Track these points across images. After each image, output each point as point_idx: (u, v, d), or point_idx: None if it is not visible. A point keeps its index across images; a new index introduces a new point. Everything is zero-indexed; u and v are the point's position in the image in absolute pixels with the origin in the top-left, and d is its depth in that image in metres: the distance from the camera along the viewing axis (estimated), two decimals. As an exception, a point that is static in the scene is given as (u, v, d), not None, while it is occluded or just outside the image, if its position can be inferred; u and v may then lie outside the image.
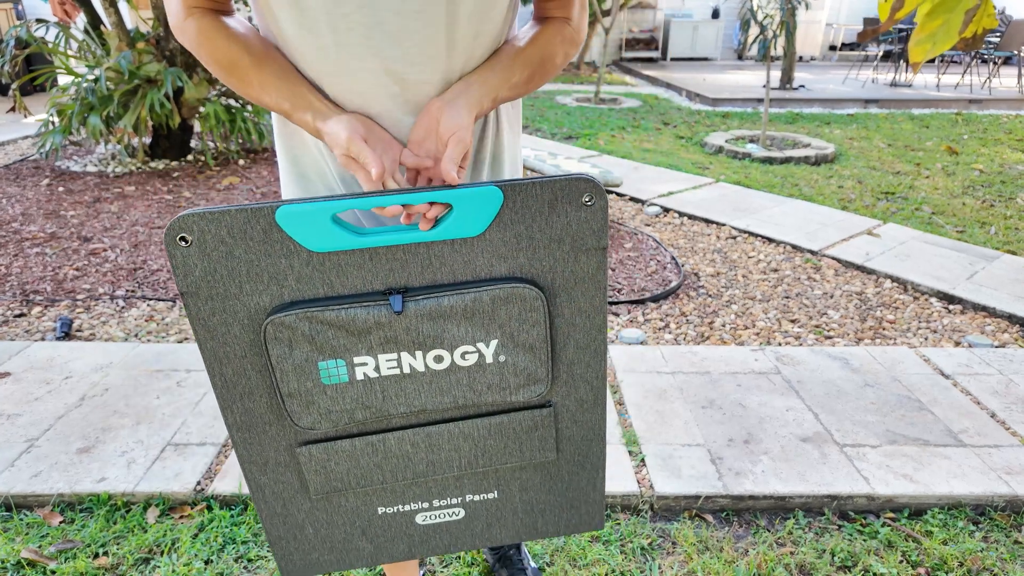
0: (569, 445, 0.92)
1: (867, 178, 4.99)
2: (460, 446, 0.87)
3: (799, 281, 3.23)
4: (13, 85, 5.05)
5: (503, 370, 0.82)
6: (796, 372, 2.37)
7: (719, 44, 12.75)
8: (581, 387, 0.88)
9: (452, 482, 0.90)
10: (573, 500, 0.96)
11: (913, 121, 7.18)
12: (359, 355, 0.78)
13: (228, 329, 0.77)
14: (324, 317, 0.75)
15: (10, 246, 3.52)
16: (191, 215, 0.71)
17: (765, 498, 1.80)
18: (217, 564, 1.61)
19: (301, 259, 0.74)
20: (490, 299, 0.77)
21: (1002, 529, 1.74)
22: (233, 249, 0.73)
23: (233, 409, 0.81)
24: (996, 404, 2.20)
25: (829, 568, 1.62)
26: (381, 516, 0.91)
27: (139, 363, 2.36)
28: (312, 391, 0.79)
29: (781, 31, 5.58)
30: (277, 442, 0.84)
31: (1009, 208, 4.31)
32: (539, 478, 0.93)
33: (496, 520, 0.95)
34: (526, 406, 0.87)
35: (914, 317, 2.88)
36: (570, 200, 0.77)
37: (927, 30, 0.65)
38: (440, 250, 0.76)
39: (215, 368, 0.79)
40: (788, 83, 8.76)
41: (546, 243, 0.78)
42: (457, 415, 0.86)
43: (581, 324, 0.84)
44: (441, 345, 0.79)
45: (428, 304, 0.76)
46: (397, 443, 0.85)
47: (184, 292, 0.74)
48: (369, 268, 0.76)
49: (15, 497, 1.75)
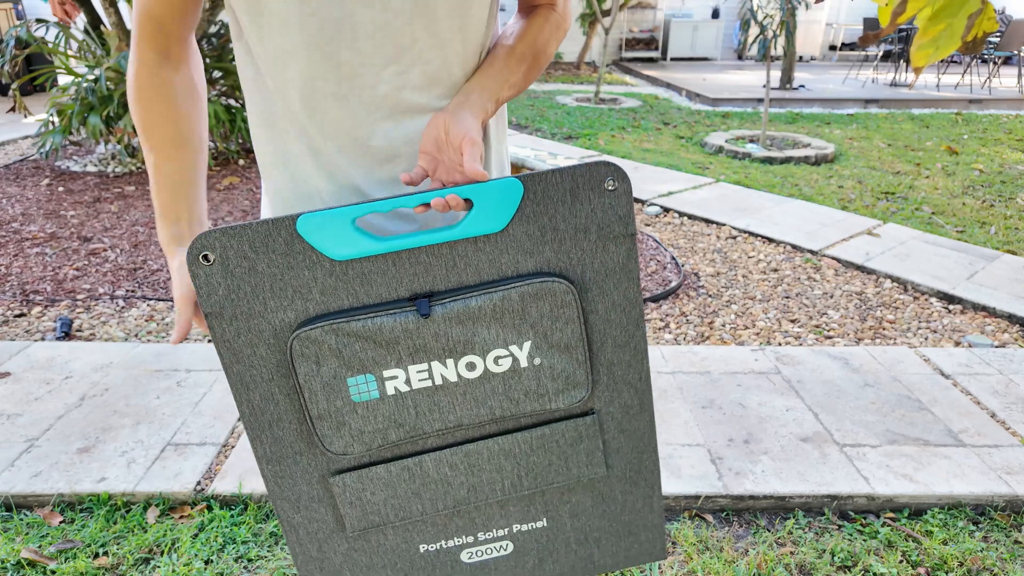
0: (619, 459, 0.86)
1: (867, 178, 4.99)
2: (502, 465, 0.81)
3: (799, 281, 3.23)
4: (13, 85, 5.05)
5: (539, 374, 0.78)
6: (796, 372, 2.37)
7: (719, 44, 12.75)
8: (624, 391, 0.83)
9: (497, 510, 0.85)
10: (630, 525, 0.90)
11: (913, 121, 7.18)
12: (388, 368, 0.75)
13: (254, 350, 0.74)
14: (351, 328, 0.73)
15: (10, 246, 3.52)
16: (212, 233, 0.70)
17: (765, 498, 1.80)
18: (217, 564, 1.61)
19: (324, 269, 0.72)
20: (519, 296, 0.74)
21: (1002, 529, 1.74)
22: (256, 264, 0.71)
23: (263, 439, 0.78)
24: (996, 404, 2.20)
25: (829, 568, 1.62)
26: (423, 555, 0.85)
27: (139, 363, 2.36)
28: (342, 410, 0.76)
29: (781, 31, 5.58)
30: (309, 474, 0.80)
31: (1009, 208, 4.31)
32: (590, 500, 0.87)
33: (548, 554, 0.88)
34: (568, 415, 0.82)
35: (914, 317, 2.89)
36: (592, 186, 0.74)
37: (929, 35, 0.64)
38: (464, 249, 0.74)
39: (242, 395, 0.76)
40: (788, 83, 8.76)
41: (571, 233, 0.75)
42: (495, 430, 0.81)
43: (617, 319, 0.80)
44: (472, 350, 0.75)
45: (455, 307, 0.74)
46: (435, 465, 0.80)
47: (208, 313, 0.72)
48: (393, 274, 0.74)
49: (15, 497, 1.75)
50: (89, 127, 4.46)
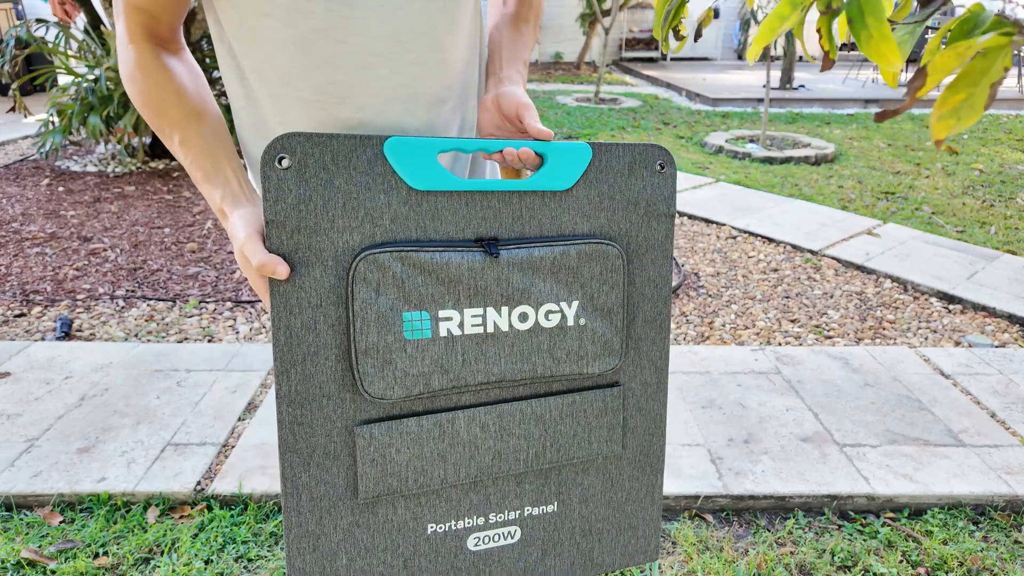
0: (632, 439, 0.88)
1: (867, 178, 4.99)
2: (531, 432, 0.81)
3: (799, 281, 3.23)
4: (13, 85, 5.05)
5: (582, 335, 0.80)
6: (796, 372, 2.37)
7: (719, 44, 12.75)
8: (647, 367, 0.86)
9: (513, 488, 0.84)
10: (631, 517, 0.91)
11: (913, 121, 7.18)
12: (445, 308, 0.74)
13: (309, 270, 0.70)
14: (417, 259, 0.72)
15: (10, 246, 3.52)
16: (295, 135, 0.68)
17: (765, 498, 1.80)
18: (217, 564, 1.61)
19: (400, 196, 0.71)
20: (576, 254, 0.77)
21: (1002, 529, 1.74)
22: (334, 178, 0.69)
23: (291, 375, 0.72)
24: (996, 404, 2.20)
25: (829, 568, 1.62)
26: (429, 538, 0.82)
27: (139, 363, 2.36)
28: (392, 347, 0.73)
29: (781, 31, 5.58)
30: (332, 422, 0.75)
31: (1009, 208, 4.31)
32: (600, 484, 0.88)
33: (552, 546, 0.88)
34: (597, 384, 0.84)
35: (914, 317, 2.89)
36: (646, 165, 0.80)
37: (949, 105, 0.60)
38: (531, 202, 0.76)
39: (282, 319, 0.71)
40: (788, 83, 8.76)
41: (624, 205, 0.80)
42: (529, 392, 0.81)
43: (649, 294, 0.83)
44: (528, 300, 0.76)
45: (520, 254, 0.75)
46: (467, 424, 0.79)
47: (270, 221, 0.69)
48: (463, 214, 0.74)
49: (15, 497, 1.75)
50: (89, 127, 4.47)
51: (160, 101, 0.79)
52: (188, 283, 3.12)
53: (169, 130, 0.79)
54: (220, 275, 3.21)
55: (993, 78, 0.59)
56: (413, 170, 0.71)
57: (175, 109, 0.79)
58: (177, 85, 0.79)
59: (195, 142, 0.79)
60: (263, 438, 1.97)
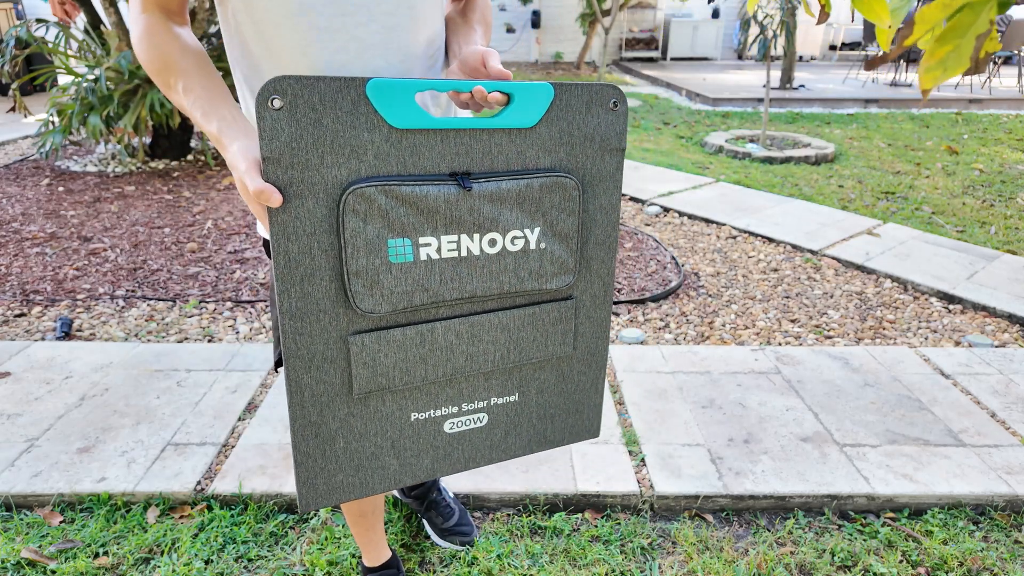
0: (582, 342, 1.01)
1: (867, 178, 4.99)
2: (497, 338, 0.93)
3: (799, 281, 3.23)
4: (13, 85, 5.05)
5: (543, 257, 0.90)
6: (796, 372, 2.37)
7: (719, 44, 12.75)
8: (596, 282, 0.98)
9: (482, 383, 0.96)
10: (578, 404, 1.05)
11: (913, 121, 7.18)
12: (424, 235, 0.83)
13: (303, 202, 0.78)
14: (399, 192, 0.80)
15: (10, 246, 3.52)
16: (285, 78, 0.73)
17: (765, 498, 1.80)
18: (217, 564, 1.61)
19: (382, 134, 0.78)
20: (539, 186, 0.86)
21: (1002, 529, 1.74)
22: (322, 117, 0.76)
23: (291, 293, 0.81)
24: (996, 404, 2.20)
25: (829, 568, 1.62)
26: (413, 424, 0.94)
27: (139, 363, 2.36)
28: (379, 269, 0.82)
29: (781, 31, 5.58)
30: (328, 333, 0.85)
31: (1009, 208, 4.31)
32: (554, 378, 1.01)
33: (514, 427, 1.02)
34: (554, 298, 0.95)
35: (914, 317, 2.88)
36: (601, 103, 0.88)
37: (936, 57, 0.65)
38: (499, 139, 0.84)
39: (281, 244, 0.79)
40: (788, 83, 8.75)
41: (581, 141, 0.89)
42: (496, 307, 0.92)
43: (601, 220, 0.94)
44: (496, 228, 0.86)
45: (489, 187, 0.84)
46: (443, 333, 0.90)
47: (266, 158, 0.75)
48: (439, 150, 0.81)
49: (15, 497, 1.75)
50: (89, 127, 4.46)
51: (166, 56, 0.88)
52: (188, 283, 3.12)
53: (174, 80, 0.89)
54: (220, 275, 3.21)
55: (979, 30, 0.62)
56: (393, 110, 0.78)
57: (180, 61, 0.89)
58: (182, 43, 0.90)
59: (196, 86, 0.88)
60: (263, 438, 1.97)
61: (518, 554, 1.66)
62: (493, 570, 1.61)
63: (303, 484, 0.92)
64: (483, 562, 1.63)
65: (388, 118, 0.78)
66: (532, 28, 13.00)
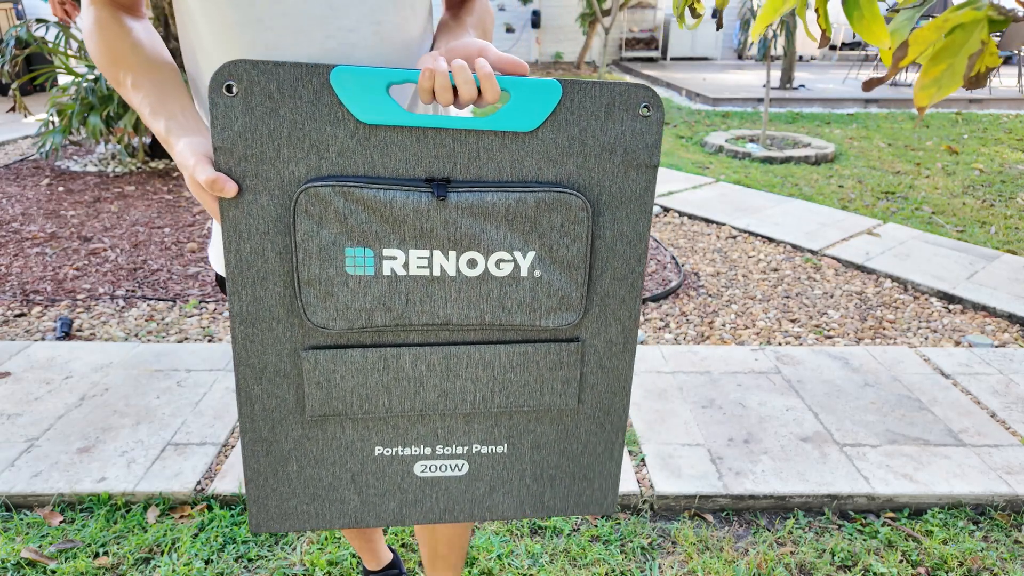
0: (591, 396, 0.85)
1: (867, 178, 4.99)
2: (478, 376, 0.80)
3: (799, 281, 3.23)
4: (13, 85, 5.05)
5: (536, 287, 0.76)
6: (796, 372, 2.37)
7: (719, 44, 12.76)
8: (612, 326, 0.82)
9: (461, 424, 0.84)
10: (587, 469, 0.89)
11: (913, 121, 7.18)
12: (390, 246, 0.73)
13: (256, 197, 0.71)
14: (361, 196, 0.71)
15: (10, 246, 3.52)
16: (243, 62, 0.67)
17: (765, 498, 1.80)
18: (217, 564, 1.61)
19: (347, 129, 0.70)
20: (535, 202, 0.73)
21: (1002, 529, 1.74)
22: (279, 107, 0.69)
23: (241, 296, 0.74)
24: (996, 404, 2.20)
25: (829, 568, 1.62)
26: (377, 459, 0.84)
27: (139, 363, 2.36)
28: (333, 280, 0.73)
29: (781, 31, 5.58)
30: (281, 343, 0.77)
31: (1009, 208, 4.31)
32: (554, 433, 0.86)
33: (501, 484, 0.88)
34: (553, 338, 0.81)
35: (914, 317, 2.89)
36: (627, 108, 0.73)
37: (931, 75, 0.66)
38: (490, 143, 0.72)
39: (232, 243, 0.72)
40: (788, 83, 8.76)
41: (598, 151, 0.74)
42: (478, 338, 0.80)
43: (621, 251, 0.78)
44: (477, 247, 0.74)
45: (471, 198, 0.72)
46: (412, 361, 0.79)
47: (218, 147, 0.69)
48: (414, 151, 0.71)
49: (15, 497, 1.75)
50: (89, 127, 4.47)
51: (115, 50, 0.82)
52: (188, 283, 3.12)
53: (123, 76, 0.82)
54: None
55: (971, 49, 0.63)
56: (361, 102, 0.69)
57: (131, 57, 0.82)
58: (134, 38, 0.83)
59: (145, 83, 0.81)
60: (263, 438, 1.97)
61: (518, 554, 1.66)
62: (493, 570, 1.61)
63: (254, 503, 0.84)
64: (483, 562, 1.63)
65: (354, 111, 0.69)
66: (532, 28, 13.00)
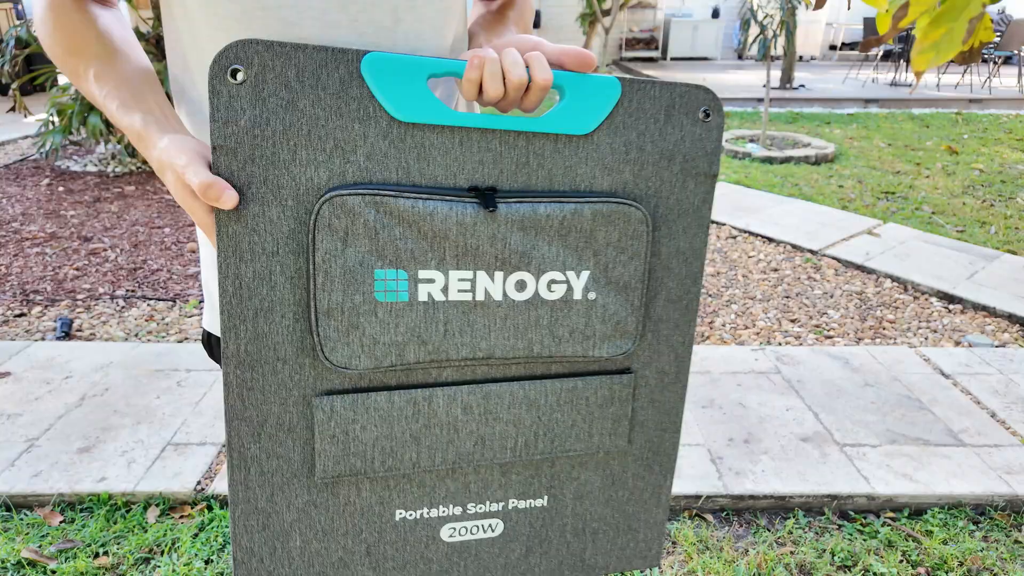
0: (640, 434, 0.75)
1: (867, 178, 4.99)
2: (521, 418, 0.70)
3: (799, 281, 3.23)
4: (13, 85, 5.05)
5: (591, 312, 0.67)
6: (796, 372, 2.37)
7: (719, 44, 12.75)
8: (665, 354, 0.73)
9: (498, 477, 0.73)
10: (632, 519, 0.79)
11: (913, 121, 7.18)
12: (427, 267, 0.62)
13: (263, 209, 0.58)
14: (396, 207, 0.59)
15: (10, 246, 3.52)
16: (253, 42, 0.55)
17: (765, 498, 1.80)
18: (217, 564, 1.61)
19: (379, 127, 0.59)
20: (591, 215, 0.64)
21: (1002, 529, 1.74)
22: (298, 98, 0.57)
23: (239, 332, 0.61)
24: (996, 404, 2.20)
25: (829, 568, 1.62)
26: (398, 524, 0.71)
27: (139, 363, 2.36)
28: (360, 308, 0.61)
29: (781, 31, 5.58)
30: (288, 390, 0.64)
31: (1009, 208, 4.31)
32: (599, 481, 0.76)
33: (538, 543, 0.77)
34: (604, 370, 0.72)
35: (914, 317, 2.89)
36: (687, 111, 0.66)
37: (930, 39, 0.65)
38: (541, 147, 0.63)
39: (231, 265, 0.59)
40: (788, 83, 8.76)
41: (655, 159, 0.66)
42: (523, 373, 0.69)
43: (677, 270, 0.70)
44: (527, 266, 0.64)
45: (522, 209, 0.62)
46: (446, 404, 0.67)
47: (218, 146, 0.56)
48: (456, 156, 0.61)
49: (15, 497, 1.75)
50: (89, 127, 4.47)
51: (72, 38, 0.69)
52: (188, 283, 3.12)
53: (83, 67, 0.68)
54: (220, 275, 3.21)
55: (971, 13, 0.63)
56: (397, 96, 0.59)
57: (93, 45, 0.68)
58: (99, 26, 0.70)
59: (111, 75, 0.67)
60: (263, 438, 1.97)
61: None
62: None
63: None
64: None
65: (389, 107, 0.59)
66: (532, 28, 12.99)
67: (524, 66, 0.60)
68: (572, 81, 0.62)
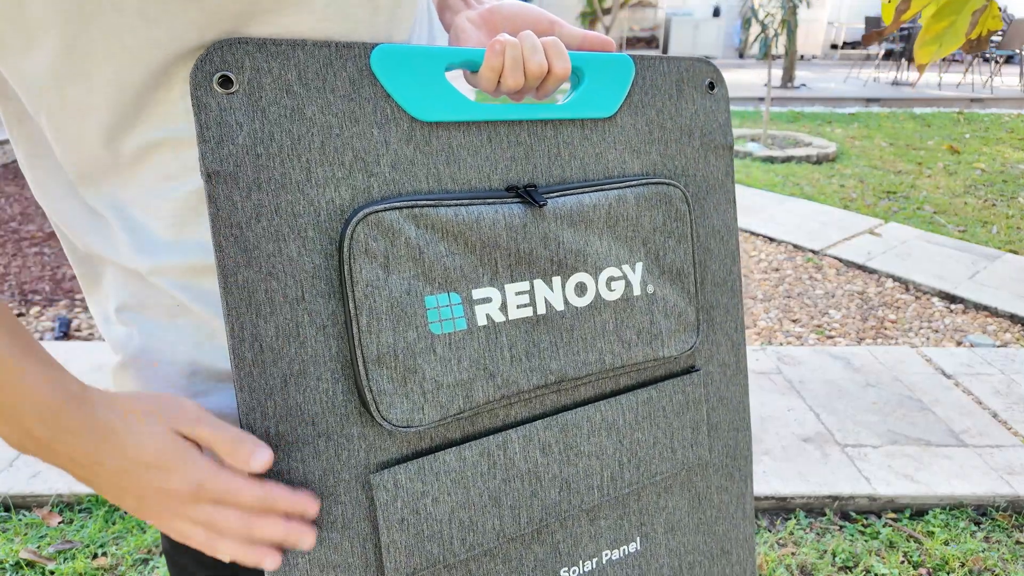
0: (717, 440, 0.68)
1: (869, 177, 4.98)
2: (603, 447, 0.60)
3: (800, 280, 3.23)
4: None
5: (653, 308, 0.60)
6: (797, 372, 2.37)
7: (720, 43, 12.75)
8: (723, 344, 0.66)
9: (586, 528, 0.61)
10: (723, 540, 0.70)
11: (915, 120, 7.17)
12: (480, 285, 0.52)
13: (280, 246, 0.47)
14: (438, 218, 0.50)
15: (8, 246, 3.52)
16: (242, 42, 0.45)
17: (766, 498, 1.79)
18: (216, 565, 1.60)
19: (401, 131, 0.50)
20: (635, 200, 0.58)
21: (1004, 529, 1.74)
22: (304, 106, 0.47)
23: (267, 410, 0.47)
24: (998, 404, 2.19)
25: (830, 568, 1.62)
26: None
27: (138, 363, 2.36)
28: (415, 347, 0.49)
29: (782, 29, 5.57)
30: (336, 474, 0.50)
31: (1011, 207, 4.31)
32: (686, 504, 0.67)
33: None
34: (671, 372, 0.64)
35: (916, 317, 2.88)
36: (695, 84, 0.63)
37: (933, 32, 0.64)
38: (569, 135, 0.57)
39: (246, 325, 0.46)
40: (789, 82, 8.75)
41: (677, 135, 0.62)
42: (594, 393, 0.60)
43: (716, 250, 0.65)
44: (585, 266, 0.56)
45: (569, 203, 0.55)
46: (523, 448, 0.55)
47: (213, 173, 0.45)
48: (487, 154, 0.53)
49: (14, 497, 1.75)
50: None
51: None
52: (188, 282, 3.12)
53: None
54: (220, 274, 3.21)
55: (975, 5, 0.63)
56: (416, 93, 0.50)
57: None
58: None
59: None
60: (262, 438, 1.97)
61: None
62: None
63: None
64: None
65: (409, 106, 0.50)
66: None
67: (543, 53, 0.54)
68: (589, 62, 0.57)
